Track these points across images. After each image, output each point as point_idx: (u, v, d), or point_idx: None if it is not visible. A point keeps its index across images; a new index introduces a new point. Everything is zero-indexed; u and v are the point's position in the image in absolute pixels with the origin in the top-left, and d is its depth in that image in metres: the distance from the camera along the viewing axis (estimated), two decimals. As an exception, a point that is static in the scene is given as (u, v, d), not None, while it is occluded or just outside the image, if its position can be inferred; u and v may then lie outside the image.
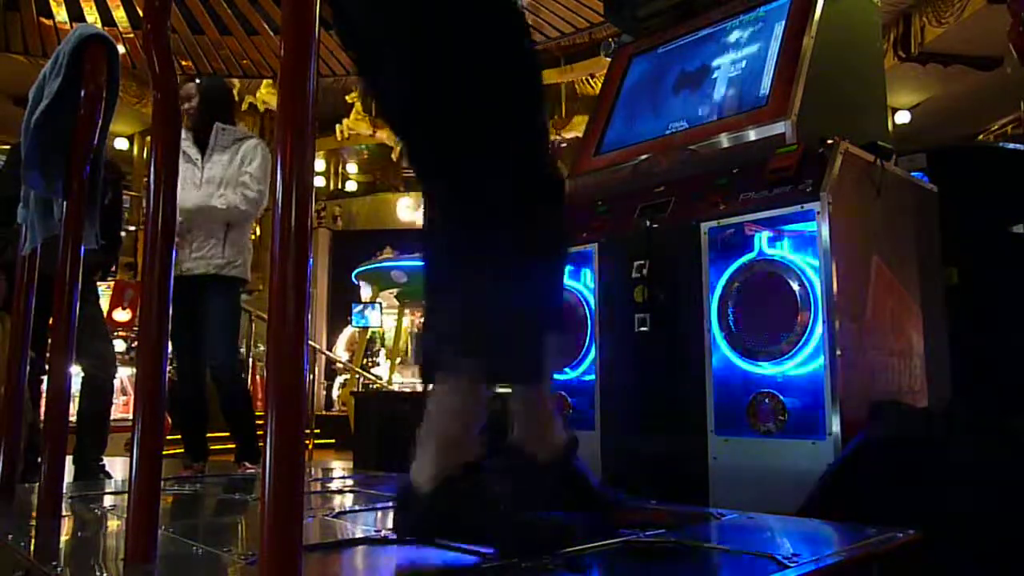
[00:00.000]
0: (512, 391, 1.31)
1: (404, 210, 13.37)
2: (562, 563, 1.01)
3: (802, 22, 2.12)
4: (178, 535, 1.29)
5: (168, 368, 1.17)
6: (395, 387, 10.49)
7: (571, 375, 2.30)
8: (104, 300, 5.78)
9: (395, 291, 10.94)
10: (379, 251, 12.08)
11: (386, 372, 11.20)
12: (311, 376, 9.49)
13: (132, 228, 9.76)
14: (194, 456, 3.33)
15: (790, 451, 1.80)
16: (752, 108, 2.13)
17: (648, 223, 2.14)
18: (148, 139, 9.92)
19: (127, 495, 1.05)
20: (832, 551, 1.13)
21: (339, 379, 12.15)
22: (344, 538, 1.28)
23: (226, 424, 3.34)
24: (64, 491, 1.60)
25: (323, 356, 11.46)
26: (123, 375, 6.45)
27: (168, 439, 4.06)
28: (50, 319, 1.63)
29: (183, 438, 3.45)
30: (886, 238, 2.04)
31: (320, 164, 13.73)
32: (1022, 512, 1.39)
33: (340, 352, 12.65)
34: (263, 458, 0.76)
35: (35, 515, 1.56)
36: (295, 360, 0.77)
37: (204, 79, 3.51)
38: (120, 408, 6.34)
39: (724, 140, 2.13)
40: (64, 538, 1.41)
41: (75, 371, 3.01)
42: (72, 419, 2.66)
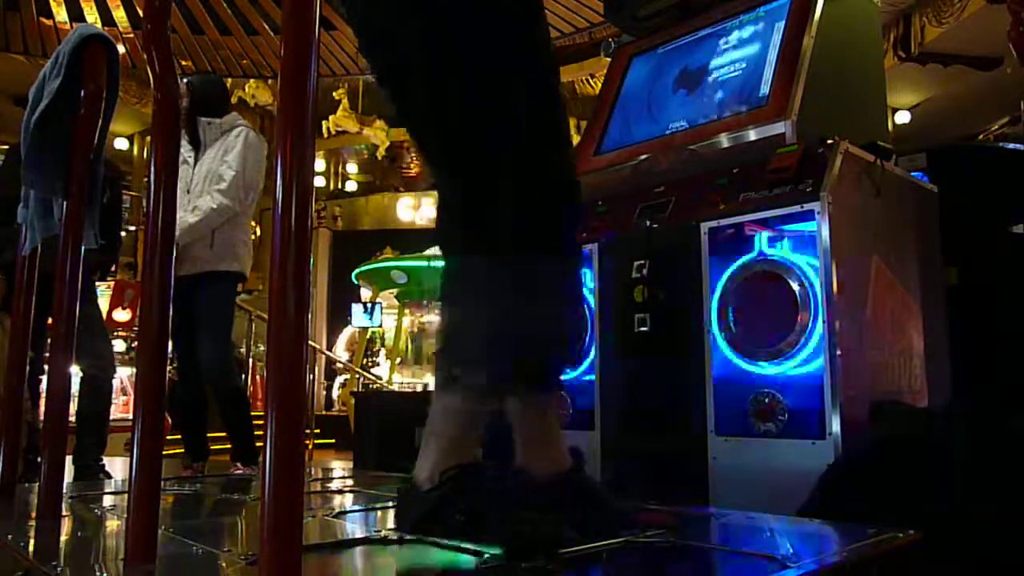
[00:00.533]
0: (514, 399, 1.28)
1: (404, 210, 13.36)
2: (562, 563, 1.01)
3: (802, 22, 2.12)
4: (178, 535, 1.28)
5: (168, 368, 1.17)
6: (395, 387, 10.51)
7: (571, 375, 2.30)
8: (104, 300, 5.78)
9: (395, 291, 10.95)
10: (379, 251, 12.10)
11: (386, 372, 11.21)
12: (311, 376, 9.48)
13: (132, 228, 9.77)
14: (194, 456, 3.32)
15: (790, 451, 1.80)
16: (752, 108, 2.13)
17: (648, 223, 2.14)
18: (148, 139, 9.93)
19: (127, 495, 1.04)
20: (832, 551, 1.14)
21: (339, 379, 12.17)
22: (344, 538, 1.28)
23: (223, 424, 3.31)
24: (64, 491, 1.59)
25: (323, 356, 11.46)
26: (123, 375, 6.47)
27: (168, 439, 4.06)
28: (49, 319, 1.63)
29: (183, 438, 3.43)
30: (886, 238, 2.04)
31: (320, 164, 13.72)
32: (1022, 512, 1.39)
33: (340, 352, 12.66)
34: (263, 458, 0.75)
35: (35, 515, 1.56)
36: (295, 360, 0.77)
37: (194, 77, 3.45)
38: (120, 408, 6.35)
39: (724, 140, 2.13)
40: (64, 538, 1.41)
41: (74, 371, 3.00)
42: (72, 419, 2.65)
